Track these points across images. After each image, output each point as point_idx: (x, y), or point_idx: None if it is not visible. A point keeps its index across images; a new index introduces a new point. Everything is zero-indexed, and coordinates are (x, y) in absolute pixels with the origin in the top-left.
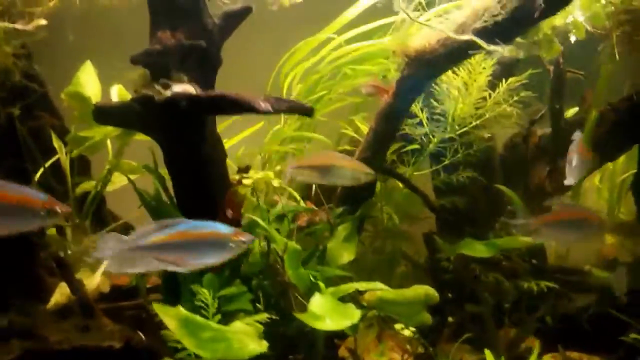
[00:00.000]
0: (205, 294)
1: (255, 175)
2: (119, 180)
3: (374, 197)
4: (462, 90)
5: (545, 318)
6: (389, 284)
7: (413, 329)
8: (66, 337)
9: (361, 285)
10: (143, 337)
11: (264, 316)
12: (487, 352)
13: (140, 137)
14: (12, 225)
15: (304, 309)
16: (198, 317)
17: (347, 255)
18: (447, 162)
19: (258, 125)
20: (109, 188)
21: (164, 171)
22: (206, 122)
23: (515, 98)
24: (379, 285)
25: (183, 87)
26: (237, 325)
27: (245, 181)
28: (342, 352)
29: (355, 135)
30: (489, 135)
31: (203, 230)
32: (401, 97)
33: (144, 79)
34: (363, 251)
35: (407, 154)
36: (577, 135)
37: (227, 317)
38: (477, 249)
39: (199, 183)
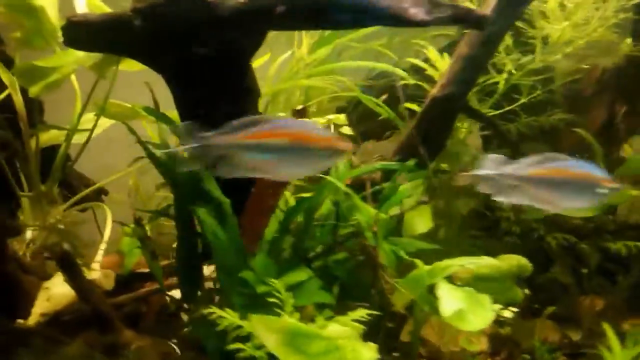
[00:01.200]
0: (277, 286)
1: (323, 119)
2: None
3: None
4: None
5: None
6: None
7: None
8: None
9: (464, 261)
10: (178, 350)
11: (362, 313)
12: (608, 330)
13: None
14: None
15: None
16: (304, 326)
17: (423, 224)
18: (524, 100)
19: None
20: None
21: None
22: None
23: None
24: (486, 259)
25: None
26: (335, 328)
27: None
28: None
29: (420, 64)
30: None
31: (576, 170)
32: (507, 9)
33: None
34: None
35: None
36: None
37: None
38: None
39: None
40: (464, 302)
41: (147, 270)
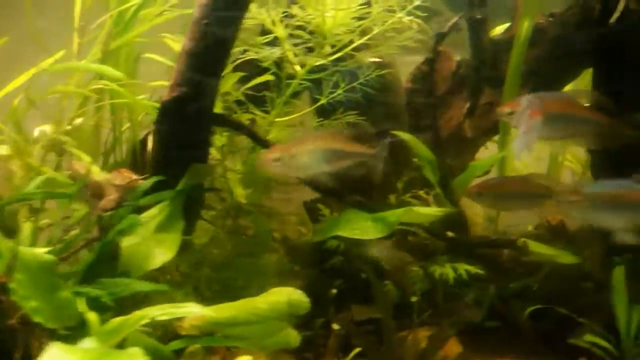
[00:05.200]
0: None
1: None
2: None
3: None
4: None
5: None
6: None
7: None
8: None
9: (164, 311)
10: None
11: None
12: None
13: None
14: None
15: None
16: None
17: (162, 254)
18: (323, 101)
19: None
20: None
21: None
22: None
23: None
24: (192, 307)
25: None
26: None
27: None
28: None
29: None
30: (380, 59)
31: None
32: None
33: None
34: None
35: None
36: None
37: None
38: (362, 228)
39: None
40: None
41: None
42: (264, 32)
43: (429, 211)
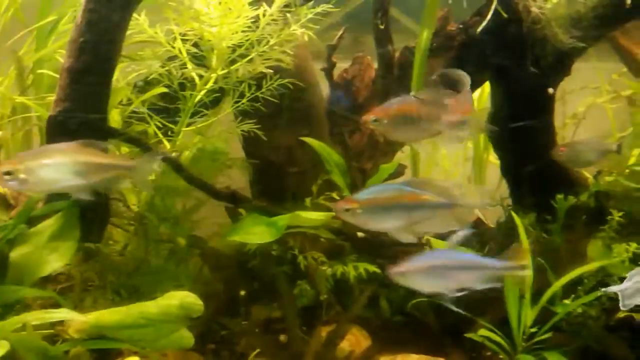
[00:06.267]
0: None
1: None
2: None
3: None
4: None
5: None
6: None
7: None
8: None
9: (37, 316)
10: None
11: None
12: None
13: None
14: None
15: None
16: None
17: (55, 261)
18: (229, 110)
19: None
20: None
21: None
22: None
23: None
24: (64, 313)
25: None
26: None
27: None
28: None
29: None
30: (269, 70)
31: None
32: (99, 13)
33: None
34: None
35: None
36: None
37: None
38: (256, 232)
39: None
40: None
41: None
42: None
43: (313, 216)
